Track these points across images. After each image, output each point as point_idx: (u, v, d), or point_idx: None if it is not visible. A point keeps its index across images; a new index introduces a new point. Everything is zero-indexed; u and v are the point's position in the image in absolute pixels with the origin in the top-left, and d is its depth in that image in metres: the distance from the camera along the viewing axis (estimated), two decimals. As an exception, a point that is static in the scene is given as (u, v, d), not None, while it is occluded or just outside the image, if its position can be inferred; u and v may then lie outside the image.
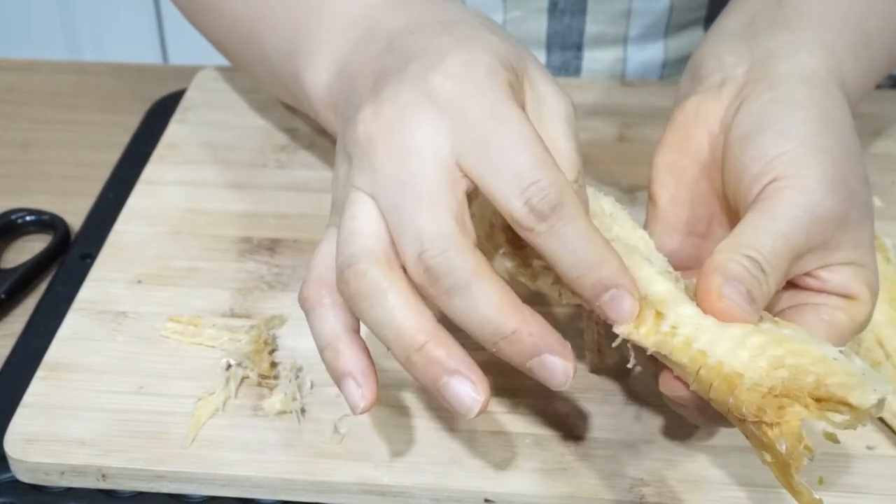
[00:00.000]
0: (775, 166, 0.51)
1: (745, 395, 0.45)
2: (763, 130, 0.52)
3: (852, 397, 0.44)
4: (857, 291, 0.51)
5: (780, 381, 0.45)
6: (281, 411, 0.57)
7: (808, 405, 0.44)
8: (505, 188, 0.46)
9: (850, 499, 0.53)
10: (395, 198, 0.47)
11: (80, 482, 0.56)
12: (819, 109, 0.53)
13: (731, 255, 0.49)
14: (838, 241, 0.51)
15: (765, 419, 0.45)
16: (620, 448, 0.56)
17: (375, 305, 0.47)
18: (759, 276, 0.49)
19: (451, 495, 0.54)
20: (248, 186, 0.73)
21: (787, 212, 0.50)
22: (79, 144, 0.81)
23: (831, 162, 0.51)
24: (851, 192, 0.51)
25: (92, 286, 0.65)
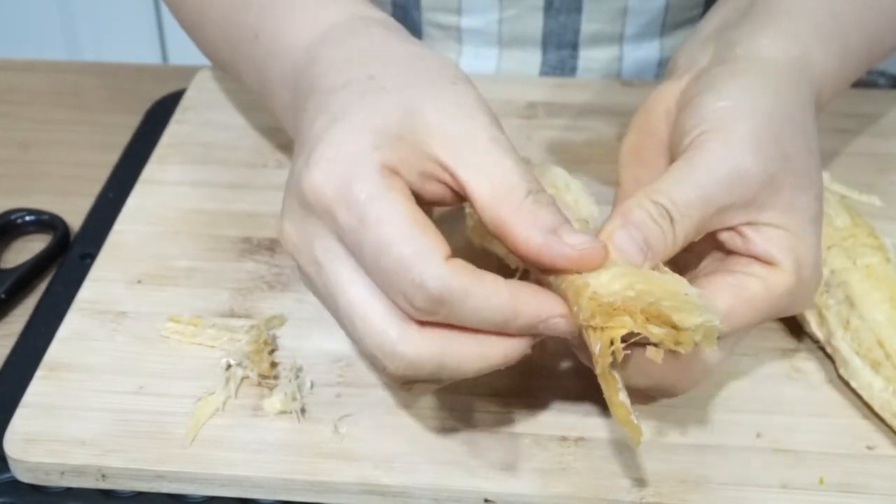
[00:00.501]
0: (706, 120, 0.51)
1: (586, 302, 0.47)
2: (704, 92, 0.53)
3: (676, 316, 0.45)
4: (780, 258, 0.50)
5: (623, 298, 0.46)
6: (281, 411, 0.57)
7: (638, 319, 0.46)
8: (389, 292, 0.47)
9: (850, 499, 0.53)
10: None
11: (80, 482, 0.56)
12: (765, 80, 0.53)
13: (640, 200, 0.49)
14: (765, 201, 0.51)
15: (592, 323, 0.46)
16: (620, 448, 0.56)
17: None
18: (663, 223, 0.49)
19: (451, 495, 0.54)
20: (248, 186, 0.73)
21: (707, 161, 0.50)
22: (79, 144, 0.81)
23: (764, 122, 0.51)
24: (786, 156, 0.51)
25: (92, 286, 0.65)
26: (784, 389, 0.59)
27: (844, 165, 0.73)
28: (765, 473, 0.54)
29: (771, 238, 0.51)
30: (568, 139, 0.76)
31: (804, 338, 0.61)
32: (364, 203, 0.47)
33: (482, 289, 0.46)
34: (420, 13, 0.85)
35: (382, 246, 0.46)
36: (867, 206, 0.69)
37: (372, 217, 0.46)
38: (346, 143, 0.48)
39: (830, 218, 0.62)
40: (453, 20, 0.84)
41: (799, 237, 0.51)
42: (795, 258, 0.51)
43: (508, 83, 0.82)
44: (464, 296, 0.46)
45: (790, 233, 0.51)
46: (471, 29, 0.84)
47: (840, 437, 0.56)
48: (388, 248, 0.46)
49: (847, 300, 0.58)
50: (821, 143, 0.73)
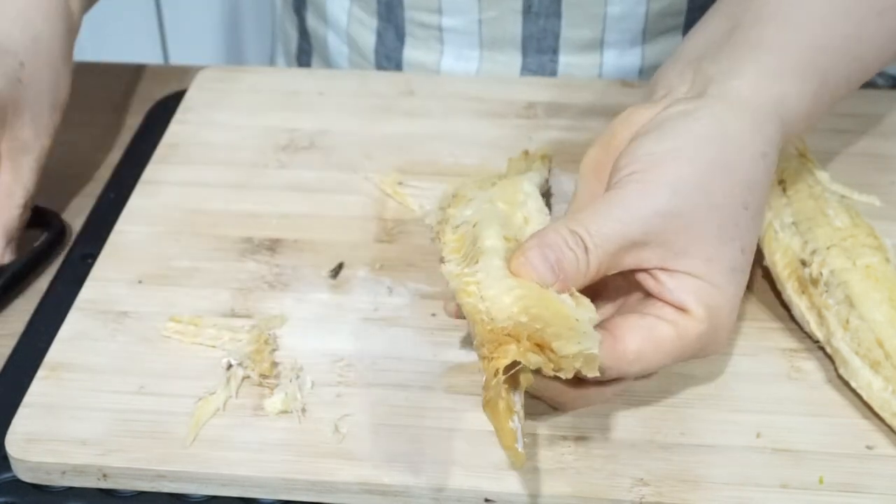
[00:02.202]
0: (638, 162, 0.53)
1: (479, 328, 0.49)
2: (649, 132, 0.54)
3: (555, 343, 0.47)
4: (691, 305, 0.51)
5: (514, 323, 0.48)
6: (281, 411, 0.57)
7: (523, 346, 0.47)
8: None
9: (850, 498, 0.53)
10: None
11: (81, 482, 0.56)
12: (711, 126, 0.54)
13: (558, 226, 0.52)
14: (684, 248, 0.52)
15: (481, 352, 0.48)
16: (620, 448, 0.56)
17: None
18: (577, 251, 0.51)
19: (451, 495, 0.54)
20: (249, 186, 0.73)
21: (625, 200, 0.52)
22: (79, 144, 0.81)
23: (693, 170, 0.52)
24: (713, 206, 0.52)
25: (93, 286, 0.65)
26: (784, 389, 0.59)
27: (844, 165, 0.73)
28: (765, 473, 0.54)
29: (684, 286, 0.52)
30: (568, 139, 0.76)
31: (804, 338, 0.61)
32: None
33: None
34: (403, 11, 0.85)
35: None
36: (867, 206, 0.69)
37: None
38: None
39: (830, 218, 0.63)
40: (435, 19, 0.84)
41: (714, 287, 0.52)
42: (707, 306, 0.52)
43: (508, 83, 0.82)
44: None
45: (705, 282, 0.52)
46: (452, 29, 0.85)
47: (840, 437, 0.56)
48: None
49: (847, 300, 0.58)
50: (821, 143, 0.73)
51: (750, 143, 0.54)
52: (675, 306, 0.52)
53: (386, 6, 0.86)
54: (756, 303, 0.64)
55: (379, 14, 0.87)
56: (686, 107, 0.55)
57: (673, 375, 0.59)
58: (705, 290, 0.52)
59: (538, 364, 0.48)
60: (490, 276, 0.51)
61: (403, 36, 0.86)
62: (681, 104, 0.56)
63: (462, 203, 0.60)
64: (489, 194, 0.60)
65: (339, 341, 0.61)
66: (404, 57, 0.87)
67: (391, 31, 0.87)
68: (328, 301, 0.64)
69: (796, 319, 0.62)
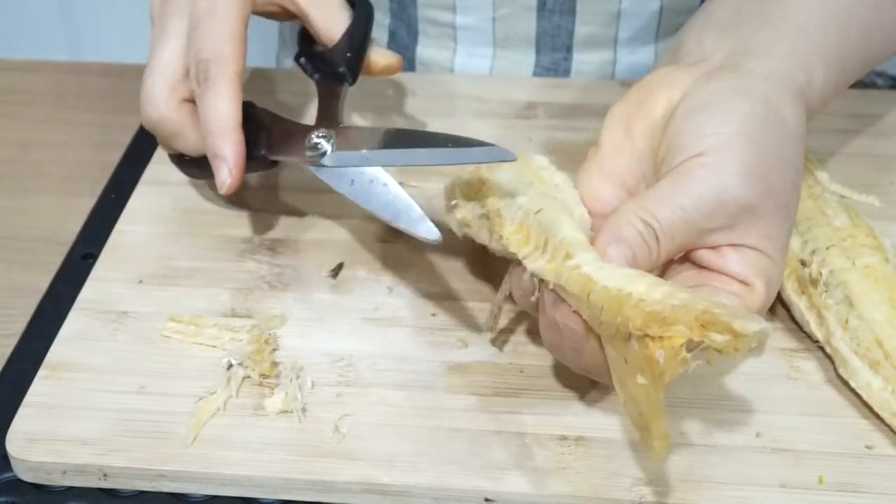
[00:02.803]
0: (704, 143, 0.54)
1: (632, 311, 0.48)
2: (708, 109, 0.55)
3: (736, 324, 0.47)
4: (754, 280, 0.53)
5: (670, 307, 0.48)
6: (282, 411, 0.57)
7: (693, 327, 0.48)
8: (192, 59, 0.62)
9: (850, 498, 0.53)
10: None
11: (82, 481, 0.56)
12: (767, 108, 0.55)
13: (630, 217, 0.53)
14: (747, 228, 0.53)
15: (649, 332, 0.48)
16: (620, 448, 0.56)
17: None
18: (650, 242, 0.52)
19: (451, 495, 0.54)
20: (249, 186, 0.73)
21: (694, 189, 0.53)
22: (80, 144, 0.81)
23: (757, 156, 0.53)
24: (770, 190, 0.53)
25: (93, 286, 0.65)
26: (783, 389, 0.59)
27: (844, 165, 0.73)
28: (764, 473, 0.55)
29: (748, 260, 0.53)
30: (568, 139, 0.76)
31: (803, 338, 0.61)
32: (221, 5, 0.62)
33: (229, 102, 0.61)
34: (416, 9, 0.85)
35: (207, 31, 0.62)
36: (866, 207, 0.69)
37: (218, 13, 0.62)
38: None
39: (829, 218, 0.63)
40: (448, 17, 0.84)
41: (772, 261, 0.54)
42: (767, 279, 0.53)
43: (509, 83, 0.82)
44: (218, 89, 0.61)
45: (765, 256, 0.54)
46: (465, 27, 0.85)
47: (839, 437, 0.56)
48: (210, 31, 0.62)
49: (846, 300, 0.58)
50: (820, 144, 0.74)
51: (795, 127, 0.56)
52: (739, 280, 0.53)
53: (398, 4, 0.86)
54: (756, 303, 0.64)
55: (392, 12, 0.87)
56: (736, 83, 0.56)
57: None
58: (765, 264, 0.53)
59: (721, 343, 0.48)
60: (599, 270, 0.51)
61: (416, 34, 0.86)
62: (727, 77, 0.56)
63: (490, 193, 0.58)
64: (517, 175, 0.58)
65: (339, 341, 0.61)
66: (417, 55, 0.87)
67: (403, 29, 0.87)
68: (328, 301, 0.64)
69: (796, 319, 0.62)
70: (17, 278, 0.70)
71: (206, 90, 0.61)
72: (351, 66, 0.66)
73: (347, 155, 0.60)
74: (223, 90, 0.61)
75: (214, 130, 0.61)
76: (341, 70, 0.66)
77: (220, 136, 0.61)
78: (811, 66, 0.58)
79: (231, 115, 0.61)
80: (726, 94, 0.55)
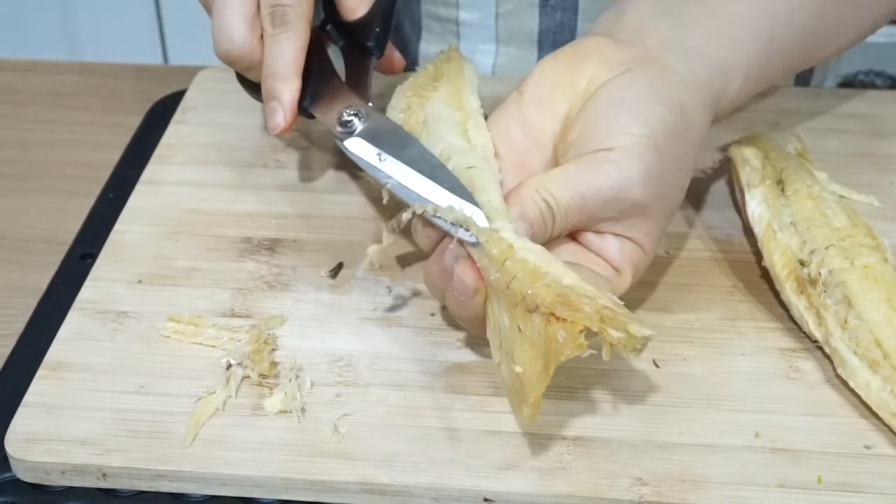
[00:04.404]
0: (615, 139, 0.57)
1: (544, 289, 0.52)
2: (630, 104, 0.58)
3: (631, 327, 0.52)
4: (626, 268, 0.58)
5: (577, 294, 0.52)
6: (281, 411, 0.57)
7: (594, 319, 0.52)
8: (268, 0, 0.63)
9: (849, 498, 0.53)
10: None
11: (81, 481, 0.56)
12: (679, 117, 0.58)
13: (535, 195, 0.56)
14: (634, 224, 0.58)
15: (556, 312, 0.52)
16: (620, 448, 0.56)
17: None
18: (548, 220, 0.57)
19: (451, 495, 0.54)
20: (249, 186, 0.73)
21: (596, 181, 0.57)
22: (79, 144, 0.81)
23: (660, 162, 0.57)
24: (663, 194, 0.58)
25: (92, 286, 0.65)
26: (782, 389, 0.59)
27: (843, 165, 0.73)
28: (763, 472, 0.55)
29: (626, 251, 0.58)
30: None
31: (802, 338, 0.61)
32: None
33: (299, 50, 0.63)
34: (420, 5, 0.85)
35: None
36: (865, 207, 0.69)
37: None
38: None
39: (828, 218, 0.63)
40: (451, 13, 0.84)
41: (645, 254, 0.59)
42: (636, 269, 0.59)
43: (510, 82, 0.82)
44: (293, 37, 0.63)
45: (640, 248, 0.58)
46: (468, 23, 0.85)
47: (838, 437, 0.56)
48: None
49: (845, 300, 0.58)
50: (820, 144, 0.74)
51: (698, 136, 0.60)
52: (613, 266, 0.58)
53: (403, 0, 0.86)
54: (755, 303, 0.64)
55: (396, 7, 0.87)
56: (658, 84, 0.59)
57: (672, 375, 0.59)
58: (638, 254, 0.58)
59: (617, 339, 0.52)
60: (517, 240, 0.54)
61: (420, 30, 0.86)
62: (652, 74, 0.59)
63: (423, 133, 0.62)
64: (442, 113, 0.63)
65: (338, 341, 0.61)
66: (420, 51, 0.87)
67: (407, 25, 0.87)
68: (328, 301, 0.64)
69: (795, 319, 0.62)
70: (17, 278, 0.70)
71: (280, 33, 0.62)
72: (379, 41, 0.68)
73: (367, 147, 0.62)
74: (296, 37, 0.62)
75: (277, 73, 0.63)
76: (370, 44, 0.68)
77: (283, 80, 0.62)
78: (730, 76, 0.62)
79: (296, 62, 0.63)
80: (646, 95, 0.58)
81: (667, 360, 0.60)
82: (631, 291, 0.64)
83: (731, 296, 0.64)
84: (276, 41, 0.63)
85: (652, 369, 0.60)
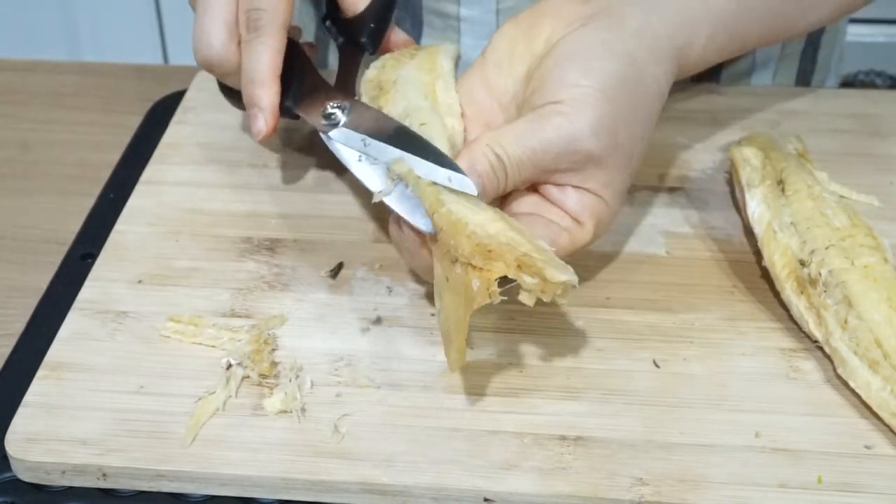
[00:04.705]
0: (564, 93, 0.58)
1: (464, 239, 0.54)
2: (576, 58, 0.59)
3: (547, 272, 0.53)
4: (586, 220, 0.59)
5: (497, 243, 0.54)
6: (281, 411, 0.57)
7: (511, 266, 0.53)
8: (243, 6, 0.63)
9: (849, 498, 0.53)
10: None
11: (81, 481, 0.56)
12: (629, 67, 0.59)
13: (486, 149, 0.58)
14: (590, 174, 0.59)
15: (473, 262, 0.54)
16: (620, 448, 0.56)
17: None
18: (499, 173, 0.58)
19: (451, 495, 0.54)
20: (249, 186, 0.73)
21: (546, 133, 0.58)
22: (79, 144, 0.81)
23: (609, 112, 0.58)
24: (617, 144, 0.59)
25: (92, 286, 0.65)
26: (783, 389, 0.59)
27: (843, 166, 0.73)
28: (763, 473, 0.55)
29: (585, 202, 0.59)
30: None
31: (803, 338, 0.61)
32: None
33: (272, 54, 0.62)
34: (420, 1, 0.85)
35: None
36: (865, 207, 0.69)
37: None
38: None
39: (828, 218, 0.63)
40: (452, 9, 0.84)
41: (607, 205, 0.60)
42: (598, 220, 0.60)
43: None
44: (266, 42, 0.62)
45: (600, 199, 0.59)
46: (468, 19, 0.85)
47: (838, 437, 0.56)
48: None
49: (845, 300, 0.58)
50: (820, 144, 0.74)
51: (654, 85, 0.61)
52: (572, 217, 0.59)
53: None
54: (755, 303, 0.64)
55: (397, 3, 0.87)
56: (606, 36, 0.60)
57: (672, 375, 0.59)
58: (599, 206, 0.60)
59: (531, 286, 0.54)
60: (458, 198, 0.56)
61: (421, 26, 0.86)
62: (602, 27, 0.60)
63: (390, 92, 0.63)
64: (411, 75, 0.65)
65: (338, 341, 0.61)
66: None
67: (408, 21, 0.87)
68: (328, 301, 0.64)
69: (795, 319, 0.62)
70: (17, 278, 0.70)
71: (254, 39, 0.63)
72: (373, 37, 0.68)
73: (352, 135, 0.62)
74: (270, 42, 0.63)
75: (255, 80, 0.63)
76: (363, 40, 0.68)
77: (260, 86, 0.63)
78: (695, 30, 0.62)
79: (273, 67, 0.63)
80: (595, 48, 0.60)
81: (667, 360, 0.60)
82: (632, 291, 0.64)
83: (732, 296, 0.64)
84: (252, 47, 0.63)
85: (652, 369, 0.60)
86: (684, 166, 0.74)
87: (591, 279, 0.65)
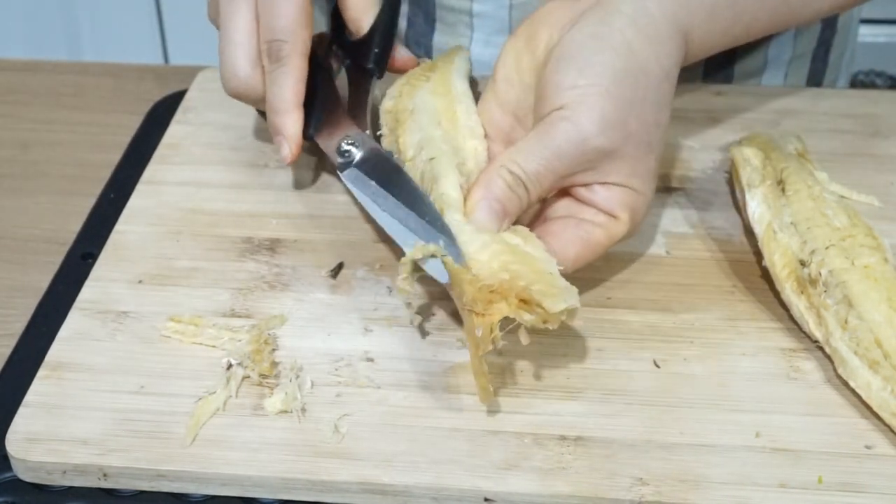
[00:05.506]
0: (564, 97, 0.59)
1: (467, 286, 0.55)
2: (571, 59, 0.60)
3: (546, 302, 0.54)
4: (619, 212, 0.60)
5: (499, 281, 0.55)
6: (281, 411, 0.57)
7: (512, 304, 0.54)
8: (264, 36, 0.65)
9: (849, 498, 0.53)
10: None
11: (82, 481, 0.56)
12: (627, 57, 0.60)
13: (501, 170, 0.59)
14: (610, 168, 0.59)
15: (475, 309, 0.55)
16: (620, 448, 0.56)
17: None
18: (518, 190, 0.59)
19: (451, 495, 0.54)
20: (249, 186, 0.73)
21: (556, 141, 0.59)
22: (79, 144, 0.81)
23: (613, 105, 0.59)
24: (629, 134, 0.59)
25: (93, 286, 0.65)
26: (783, 389, 0.59)
27: (843, 165, 0.73)
28: (764, 473, 0.55)
29: (614, 195, 0.60)
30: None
31: (803, 338, 0.62)
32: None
33: (295, 83, 0.65)
34: None
35: (282, 8, 0.64)
36: (866, 207, 0.69)
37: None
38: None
39: (828, 218, 0.63)
40: (465, 5, 0.84)
41: (637, 193, 0.60)
42: (632, 210, 0.60)
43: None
44: (289, 71, 0.64)
45: (630, 190, 0.60)
46: (481, 14, 0.84)
47: (839, 437, 0.56)
48: (284, 12, 0.64)
49: (845, 300, 0.58)
50: (820, 144, 0.74)
51: (658, 68, 0.60)
52: (606, 212, 0.60)
53: None
54: (755, 303, 0.64)
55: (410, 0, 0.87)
56: (599, 29, 0.60)
57: (672, 375, 0.59)
58: (629, 196, 0.60)
59: (531, 321, 0.54)
60: (460, 231, 0.57)
61: (433, 21, 0.86)
62: (594, 22, 0.60)
63: (406, 122, 0.65)
64: (427, 102, 0.66)
65: (338, 341, 0.61)
66: (434, 42, 0.87)
67: (421, 17, 0.87)
68: (328, 301, 0.64)
69: (795, 319, 0.62)
70: (17, 278, 0.70)
71: (276, 69, 0.65)
72: (379, 62, 0.70)
73: (361, 179, 0.64)
74: (291, 72, 0.65)
75: (279, 109, 0.65)
76: (370, 66, 0.70)
77: (284, 114, 0.65)
78: (692, 9, 0.62)
79: (295, 96, 0.65)
80: (588, 45, 0.60)
81: (667, 360, 0.60)
82: (632, 291, 0.64)
83: (732, 296, 0.64)
84: (274, 78, 0.65)
85: (652, 369, 0.60)
86: (684, 166, 0.74)
87: (592, 279, 0.65)
